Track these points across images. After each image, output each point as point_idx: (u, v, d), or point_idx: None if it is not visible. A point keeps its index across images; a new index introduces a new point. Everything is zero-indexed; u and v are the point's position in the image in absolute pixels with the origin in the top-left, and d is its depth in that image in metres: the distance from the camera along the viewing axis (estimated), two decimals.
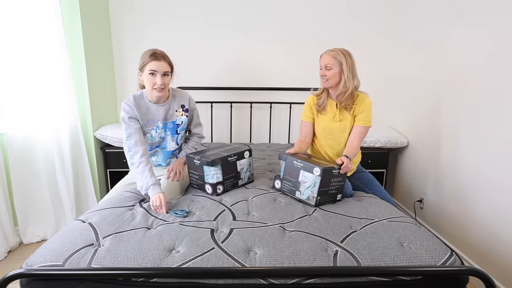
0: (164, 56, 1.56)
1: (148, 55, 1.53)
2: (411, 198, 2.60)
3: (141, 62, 1.56)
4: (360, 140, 1.73)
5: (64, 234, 1.18)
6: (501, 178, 1.68)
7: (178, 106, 1.71)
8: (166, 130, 1.73)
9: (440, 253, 1.08)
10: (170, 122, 1.71)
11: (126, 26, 2.77)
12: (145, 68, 1.54)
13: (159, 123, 1.68)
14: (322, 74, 1.70)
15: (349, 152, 1.62)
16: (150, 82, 1.54)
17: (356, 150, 1.69)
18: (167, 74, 1.56)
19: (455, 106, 2.03)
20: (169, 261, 1.03)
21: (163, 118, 1.68)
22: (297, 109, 2.94)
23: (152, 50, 1.55)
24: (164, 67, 1.54)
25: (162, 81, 1.54)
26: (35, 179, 2.17)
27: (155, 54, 1.53)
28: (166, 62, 1.56)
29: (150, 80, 1.54)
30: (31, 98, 2.08)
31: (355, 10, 2.79)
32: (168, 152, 1.79)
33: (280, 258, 1.05)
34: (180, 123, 1.74)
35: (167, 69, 1.55)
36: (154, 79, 1.54)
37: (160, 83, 1.53)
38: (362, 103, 1.73)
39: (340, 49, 1.67)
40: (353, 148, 1.68)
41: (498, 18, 1.69)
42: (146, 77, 1.55)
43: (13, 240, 2.10)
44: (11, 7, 1.94)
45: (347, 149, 1.70)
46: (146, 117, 1.65)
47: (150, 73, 1.53)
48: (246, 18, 2.79)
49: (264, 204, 1.47)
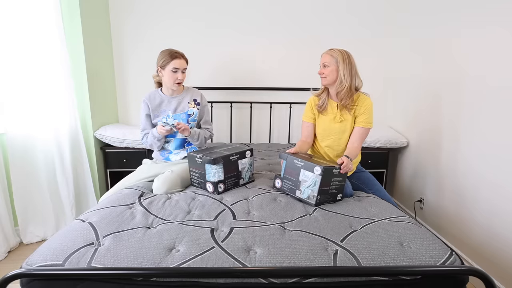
0: (183, 55, 1.83)
1: (168, 55, 1.78)
2: (411, 198, 2.60)
3: (162, 61, 1.79)
4: (361, 141, 1.75)
5: (64, 234, 1.18)
6: (501, 178, 1.68)
7: (190, 99, 1.93)
8: (179, 120, 1.88)
9: (440, 253, 1.08)
10: (182, 114, 1.91)
11: (126, 26, 2.77)
12: (168, 66, 1.78)
13: (169, 113, 1.90)
14: (320, 72, 1.74)
15: (350, 153, 1.63)
16: (172, 78, 1.80)
17: (357, 151, 1.70)
18: (185, 71, 1.84)
19: (455, 106, 2.03)
20: (169, 260, 1.03)
21: (174, 109, 1.90)
22: (297, 109, 2.94)
23: (172, 50, 1.80)
24: (184, 64, 1.82)
25: (182, 77, 1.82)
26: (35, 179, 2.17)
27: (176, 54, 1.79)
28: (185, 60, 1.83)
29: (172, 76, 1.80)
30: (31, 98, 2.08)
31: (355, 10, 2.79)
32: (178, 140, 1.92)
33: (280, 258, 1.05)
34: (192, 114, 1.93)
35: (185, 66, 1.84)
36: (176, 75, 1.80)
37: (181, 78, 1.82)
38: (363, 104, 1.74)
39: (338, 48, 1.72)
40: (354, 149, 1.69)
41: (498, 18, 1.70)
42: (168, 73, 1.80)
43: (13, 240, 2.10)
44: (11, 8, 1.94)
45: (348, 149, 1.72)
46: (159, 108, 1.90)
47: (173, 71, 1.78)
48: (246, 18, 2.79)
49: (264, 204, 1.47)
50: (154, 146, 1.89)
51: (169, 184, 1.66)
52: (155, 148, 1.92)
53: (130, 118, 2.96)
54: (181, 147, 1.94)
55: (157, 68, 1.83)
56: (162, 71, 1.82)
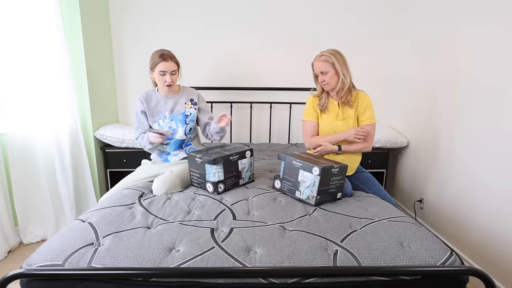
0: (172, 57, 1.77)
1: (157, 56, 1.73)
2: (411, 198, 2.60)
3: (151, 63, 1.76)
4: (371, 139, 1.81)
5: (64, 234, 1.18)
6: (501, 179, 1.68)
7: (187, 99, 1.89)
8: (176, 122, 1.87)
9: (440, 253, 1.08)
10: (179, 114, 1.88)
11: (126, 26, 2.77)
12: (156, 68, 1.75)
13: (166, 113, 1.87)
14: (321, 80, 1.76)
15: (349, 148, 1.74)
16: (161, 80, 1.77)
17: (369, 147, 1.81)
18: (174, 73, 1.78)
19: (455, 106, 2.03)
20: (169, 260, 1.03)
21: (170, 110, 1.86)
22: (297, 109, 2.94)
23: (160, 51, 1.75)
24: (172, 66, 1.75)
25: (171, 79, 1.77)
26: (35, 179, 2.17)
27: (163, 56, 1.73)
28: (174, 62, 1.77)
29: (160, 79, 1.77)
30: (31, 98, 2.08)
31: (354, 10, 2.79)
32: (177, 141, 1.87)
33: (280, 258, 1.05)
34: (189, 115, 1.89)
35: (174, 68, 1.77)
36: (164, 78, 1.76)
37: (169, 81, 1.77)
38: (363, 102, 1.77)
39: (328, 50, 1.73)
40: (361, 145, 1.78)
41: (498, 18, 1.70)
42: (156, 76, 1.77)
43: (13, 240, 2.10)
44: (11, 8, 1.94)
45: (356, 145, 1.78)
46: (155, 109, 1.87)
47: (160, 74, 1.75)
48: (246, 18, 2.79)
49: (264, 204, 1.47)
50: (147, 148, 1.85)
51: (168, 184, 1.66)
52: (149, 151, 1.89)
53: (130, 118, 2.96)
54: (180, 148, 1.92)
55: (149, 69, 1.81)
56: (153, 73, 1.79)
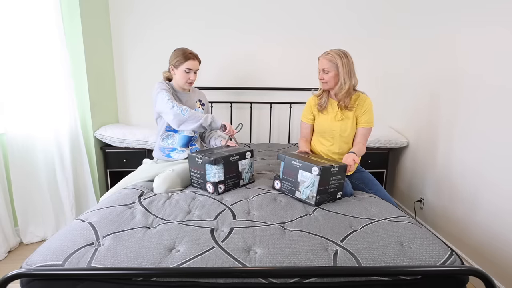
0: (197, 56, 1.85)
1: (183, 55, 1.79)
2: (411, 198, 2.60)
3: (176, 60, 1.80)
4: (365, 140, 1.82)
5: (64, 234, 1.18)
6: (501, 178, 1.68)
7: (197, 99, 1.98)
8: None
9: (440, 253, 1.08)
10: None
11: (126, 26, 2.77)
12: (181, 66, 1.80)
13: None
14: (320, 78, 1.77)
15: (357, 150, 1.73)
16: (185, 78, 1.82)
17: (363, 148, 1.79)
18: (197, 71, 1.86)
19: (455, 106, 2.03)
20: (169, 260, 1.03)
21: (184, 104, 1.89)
22: (297, 109, 2.94)
23: (185, 50, 1.82)
24: (197, 65, 1.84)
25: (195, 77, 1.84)
26: (35, 179, 2.17)
27: (191, 54, 1.81)
28: (198, 61, 1.85)
29: (185, 76, 1.82)
30: (31, 98, 2.08)
31: (355, 9, 2.79)
32: (185, 137, 1.91)
33: (280, 258, 1.05)
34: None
35: (198, 67, 1.86)
36: (188, 75, 1.82)
37: (193, 79, 1.85)
38: (363, 105, 1.77)
39: (337, 51, 1.71)
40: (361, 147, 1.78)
41: (498, 18, 1.70)
42: (181, 73, 1.81)
43: (13, 240, 2.10)
44: (11, 8, 1.94)
45: (355, 147, 1.79)
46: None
47: (186, 71, 1.80)
48: (246, 18, 2.79)
49: (264, 204, 1.47)
50: (192, 125, 1.70)
51: (169, 182, 1.66)
52: (191, 128, 1.72)
53: (130, 118, 2.96)
54: (186, 146, 1.94)
55: (169, 66, 1.84)
56: (175, 70, 1.83)
